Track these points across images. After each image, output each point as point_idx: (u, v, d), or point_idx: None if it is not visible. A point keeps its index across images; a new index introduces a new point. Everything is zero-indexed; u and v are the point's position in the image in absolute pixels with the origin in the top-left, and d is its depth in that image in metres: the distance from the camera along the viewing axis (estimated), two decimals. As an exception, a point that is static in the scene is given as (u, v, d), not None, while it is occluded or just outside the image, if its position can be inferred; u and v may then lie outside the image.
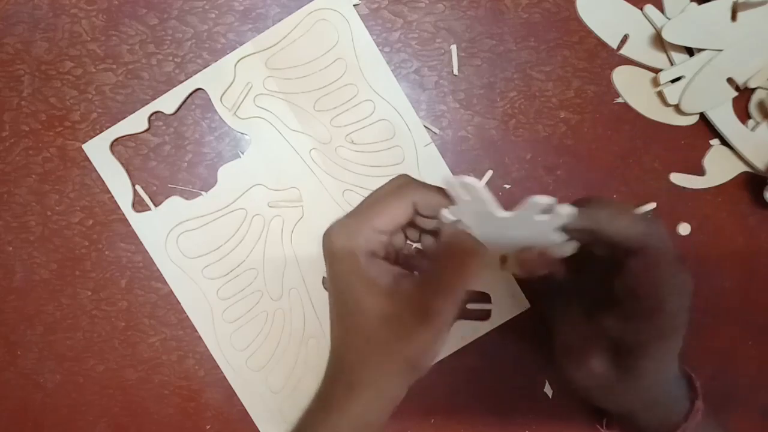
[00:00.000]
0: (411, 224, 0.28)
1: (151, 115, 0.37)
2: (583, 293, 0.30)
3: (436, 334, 0.26)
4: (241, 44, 0.37)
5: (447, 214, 0.27)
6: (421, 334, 0.25)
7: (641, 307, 0.26)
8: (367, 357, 0.27)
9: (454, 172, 0.37)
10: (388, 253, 0.29)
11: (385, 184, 0.28)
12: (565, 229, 0.26)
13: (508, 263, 0.29)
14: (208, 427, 0.38)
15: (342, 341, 0.28)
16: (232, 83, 0.37)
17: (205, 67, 0.37)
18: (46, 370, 0.38)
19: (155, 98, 0.37)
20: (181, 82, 0.37)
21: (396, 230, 0.28)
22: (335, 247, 0.27)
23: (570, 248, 0.27)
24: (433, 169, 0.37)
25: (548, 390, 0.38)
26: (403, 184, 0.27)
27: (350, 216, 0.27)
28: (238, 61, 0.36)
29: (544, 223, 0.25)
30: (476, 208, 0.26)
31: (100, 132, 0.37)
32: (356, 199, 0.37)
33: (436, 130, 0.37)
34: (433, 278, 0.26)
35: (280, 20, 0.37)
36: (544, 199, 0.24)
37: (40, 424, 0.39)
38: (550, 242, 0.27)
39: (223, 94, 0.37)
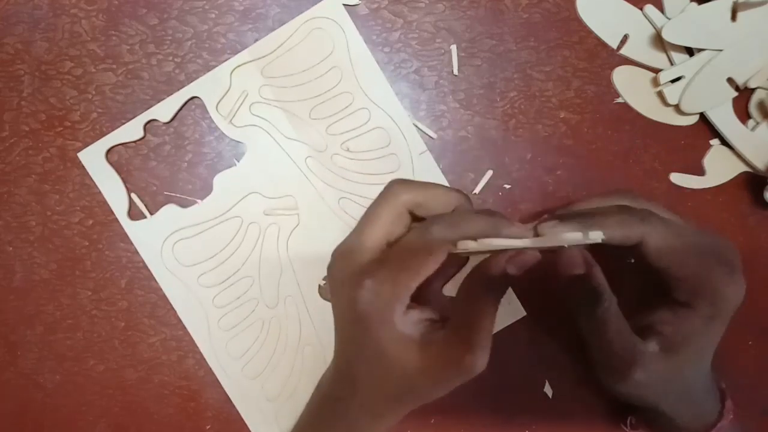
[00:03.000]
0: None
1: (147, 123, 0.37)
2: (620, 296, 0.28)
3: (468, 378, 0.26)
4: (241, 44, 0.37)
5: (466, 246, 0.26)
6: (453, 382, 0.26)
7: (675, 285, 0.27)
8: (394, 398, 0.28)
9: (453, 172, 0.37)
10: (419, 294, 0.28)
11: (416, 231, 0.26)
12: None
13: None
14: (208, 427, 0.38)
15: (368, 382, 0.28)
16: (227, 91, 0.37)
17: (205, 68, 0.37)
18: (46, 370, 0.38)
19: (155, 98, 0.37)
20: (181, 82, 0.37)
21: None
22: (367, 312, 0.26)
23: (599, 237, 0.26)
24: (429, 177, 0.37)
25: (548, 390, 0.38)
26: (436, 237, 0.26)
27: (381, 279, 0.26)
28: (234, 69, 0.36)
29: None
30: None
31: (100, 132, 0.37)
32: (351, 207, 0.37)
33: (433, 134, 0.37)
34: (462, 327, 0.26)
35: (280, 20, 0.37)
36: (570, 236, 0.24)
37: (40, 424, 0.39)
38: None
39: (218, 103, 0.37)
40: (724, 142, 0.37)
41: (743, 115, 0.37)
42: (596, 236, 0.25)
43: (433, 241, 0.26)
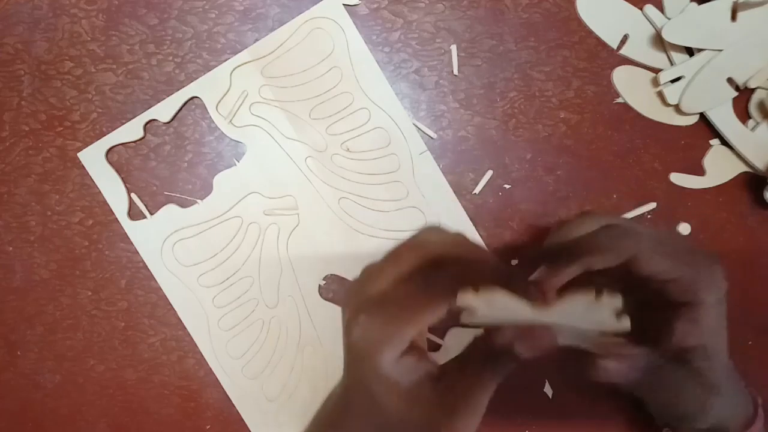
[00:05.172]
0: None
1: (147, 123, 0.37)
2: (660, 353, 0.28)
3: None
4: (241, 44, 0.37)
5: (468, 319, 0.25)
6: None
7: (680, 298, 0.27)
8: (382, 429, 0.26)
9: (453, 172, 0.37)
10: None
11: (421, 278, 0.25)
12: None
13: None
14: (208, 427, 0.38)
15: (358, 409, 0.27)
16: (227, 91, 0.37)
17: (205, 68, 0.37)
18: (46, 370, 0.38)
19: (155, 98, 0.37)
20: (181, 82, 0.37)
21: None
22: (356, 346, 0.25)
23: (626, 323, 0.26)
24: (429, 177, 0.37)
25: (548, 390, 0.38)
26: (438, 288, 0.25)
27: (373, 319, 0.24)
28: (234, 69, 0.36)
29: (595, 311, 0.25)
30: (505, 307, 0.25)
31: (100, 132, 0.37)
32: (351, 207, 0.37)
33: (433, 134, 0.37)
34: (451, 395, 0.25)
35: (280, 20, 0.37)
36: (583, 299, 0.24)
37: (40, 424, 0.39)
38: (608, 326, 0.25)
39: (218, 103, 0.37)
40: (724, 142, 0.37)
41: (743, 115, 0.37)
42: (624, 325, 0.25)
43: (433, 293, 0.25)
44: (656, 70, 0.37)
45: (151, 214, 0.37)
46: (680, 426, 0.31)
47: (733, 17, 0.34)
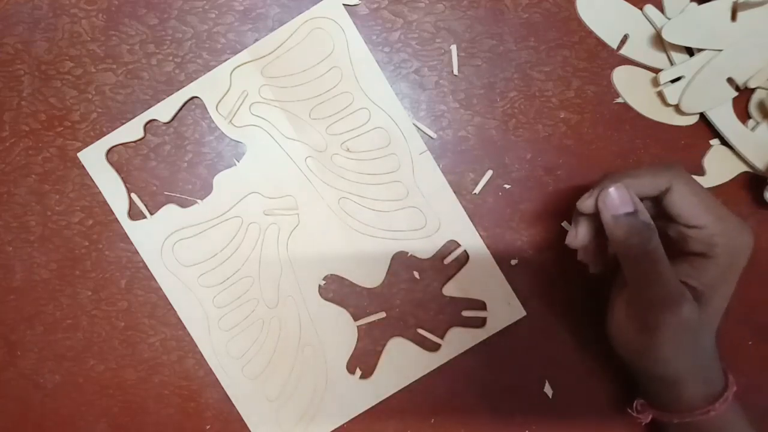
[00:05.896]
0: None
1: (147, 123, 0.37)
2: None
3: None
4: (241, 44, 0.37)
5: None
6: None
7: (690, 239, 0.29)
8: None
9: (453, 172, 0.37)
10: None
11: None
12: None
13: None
14: (208, 427, 0.38)
15: None
16: (227, 91, 0.37)
17: (205, 68, 0.37)
18: (46, 370, 0.38)
19: (155, 98, 0.37)
20: (181, 82, 0.37)
21: None
22: None
23: None
24: (429, 177, 0.37)
25: (548, 390, 0.38)
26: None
27: None
28: (234, 69, 0.36)
29: None
30: None
31: (100, 132, 0.37)
32: (351, 207, 0.37)
33: (433, 134, 0.37)
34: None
35: (280, 20, 0.37)
36: None
37: (40, 424, 0.39)
38: None
39: (218, 103, 0.37)
40: (724, 142, 0.37)
41: (743, 115, 0.37)
42: None
43: None
44: (656, 70, 0.37)
45: (151, 214, 0.37)
46: (632, 365, 0.32)
47: (733, 17, 0.34)
